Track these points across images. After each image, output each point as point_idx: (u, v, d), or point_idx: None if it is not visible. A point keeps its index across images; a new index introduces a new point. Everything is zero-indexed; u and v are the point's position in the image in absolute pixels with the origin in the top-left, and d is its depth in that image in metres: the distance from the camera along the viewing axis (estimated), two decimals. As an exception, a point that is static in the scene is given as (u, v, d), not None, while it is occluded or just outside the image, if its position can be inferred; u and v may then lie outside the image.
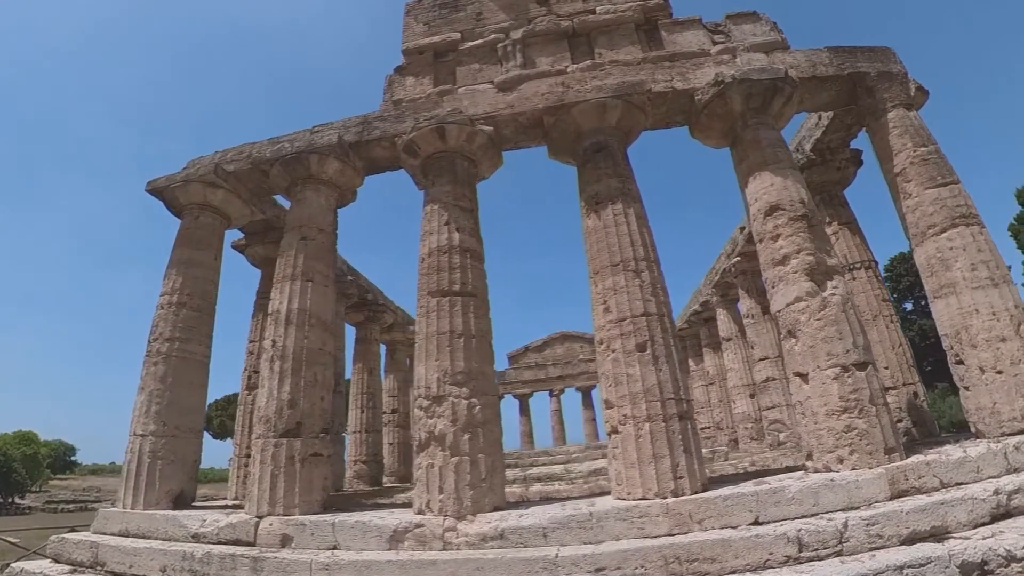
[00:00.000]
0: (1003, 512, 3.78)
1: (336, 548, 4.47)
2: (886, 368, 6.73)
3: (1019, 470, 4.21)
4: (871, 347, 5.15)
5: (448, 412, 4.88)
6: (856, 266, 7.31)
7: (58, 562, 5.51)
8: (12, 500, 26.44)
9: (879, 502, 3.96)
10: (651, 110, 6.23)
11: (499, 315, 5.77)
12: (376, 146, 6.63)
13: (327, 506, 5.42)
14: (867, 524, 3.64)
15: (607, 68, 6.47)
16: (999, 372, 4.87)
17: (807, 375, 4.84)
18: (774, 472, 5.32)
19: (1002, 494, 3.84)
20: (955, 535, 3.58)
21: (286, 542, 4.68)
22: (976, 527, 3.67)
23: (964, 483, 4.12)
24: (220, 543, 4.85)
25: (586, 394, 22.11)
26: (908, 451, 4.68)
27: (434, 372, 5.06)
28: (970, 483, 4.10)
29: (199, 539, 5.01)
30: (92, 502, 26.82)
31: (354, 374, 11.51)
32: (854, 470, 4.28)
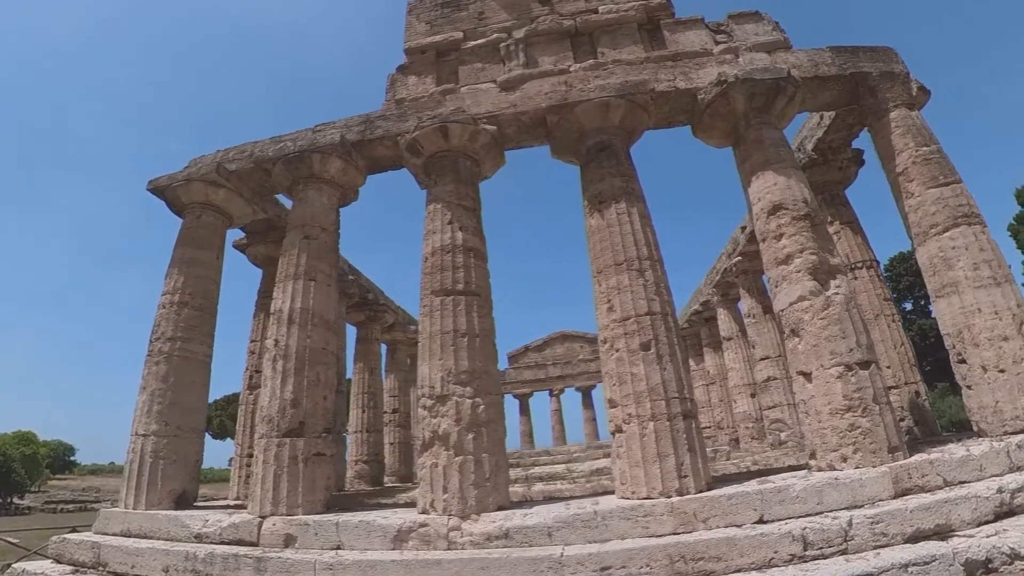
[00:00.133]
0: (1007, 510, 3.79)
1: (340, 548, 4.46)
2: (888, 367, 6.75)
3: (1022, 468, 4.22)
4: (874, 346, 5.16)
5: (452, 411, 4.88)
6: (858, 265, 7.33)
7: (60, 562, 5.50)
8: (11, 500, 26.37)
9: (883, 500, 3.96)
10: (654, 109, 6.24)
11: (499, 315, 5.78)
12: (379, 145, 6.62)
13: (330, 506, 5.42)
14: (871, 522, 3.65)
15: (610, 67, 6.47)
16: (1001, 371, 4.89)
17: (811, 374, 4.84)
18: (777, 471, 5.33)
19: (1005, 492, 3.85)
20: (959, 533, 3.59)
21: (289, 542, 4.67)
22: (980, 525, 3.68)
23: (967, 481, 4.13)
24: (223, 543, 4.84)
25: (586, 394, 22.08)
26: (911, 450, 4.68)
27: (438, 371, 5.06)
28: (973, 481, 4.11)
29: (202, 539, 5.00)
30: (91, 502, 26.76)
31: (355, 374, 11.50)
32: (858, 469, 4.29)
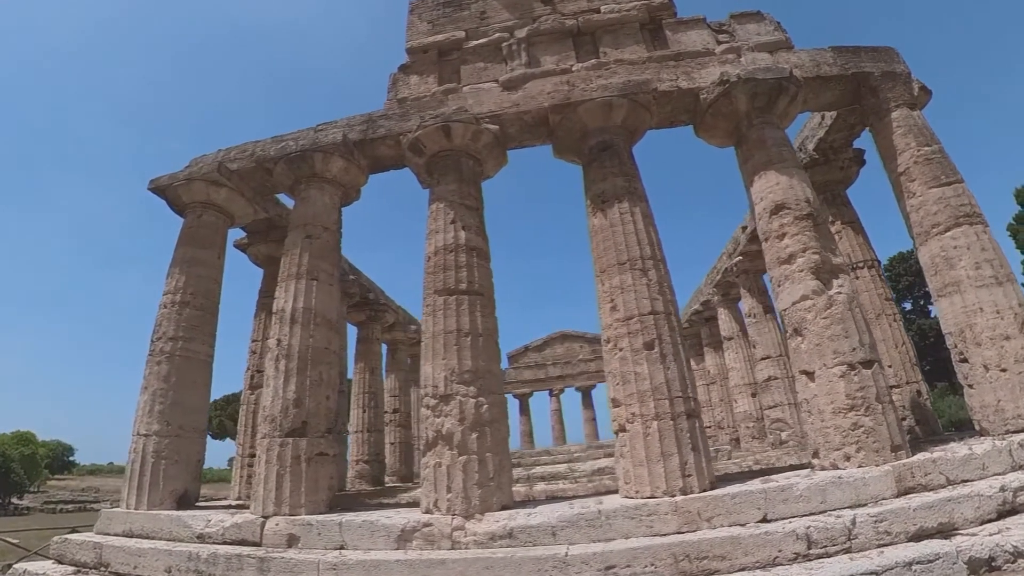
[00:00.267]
0: (1009, 508, 3.81)
1: (343, 548, 4.46)
2: (890, 367, 6.76)
3: (1024, 467, 4.23)
4: (876, 345, 5.17)
5: (455, 411, 4.88)
6: (859, 265, 7.35)
7: (61, 563, 5.48)
8: (10, 501, 26.29)
9: (886, 499, 3.98)
10: (656, 109, 6.25)
11: (500, 314, 5.78)
12: (381, 144, 6.62)
13: (332, 506, 5.41)
14: (875, 521, 3.66)
15: (612, 67, 6.47)
16: (1003, 370, 4.90)
17: (813, 373, 4.85)
18: (779, 470, 5.34)
19: (1008, 491, 3.86)
20: (962, 532, 3.60)
21: (293, 542, 4.67)
22: (983, 523, 3.69)
23: (970, 480, 4.14)
24: (226, 543, 4.84)
25: (586, 394, 22.09)
26: (913, 449, 4.69)
27: (441, 371, 5.05)
28: (976, 480, 4.12)
29: (204, 539, 4.99)
30: (91, 502, 26.69)
31: (356, 373, 11.49)
32: (861, 467, 4.30)
